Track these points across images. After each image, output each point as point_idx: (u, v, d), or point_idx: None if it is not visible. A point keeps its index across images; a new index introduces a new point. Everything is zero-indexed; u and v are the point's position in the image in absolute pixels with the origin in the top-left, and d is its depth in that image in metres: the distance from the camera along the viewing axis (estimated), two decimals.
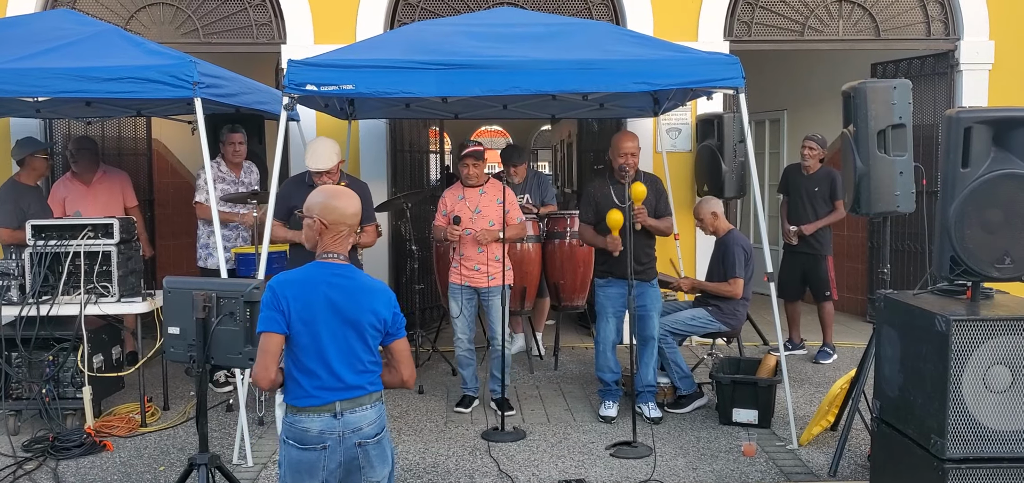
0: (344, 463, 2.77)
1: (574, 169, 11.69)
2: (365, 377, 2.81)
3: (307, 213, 2.87)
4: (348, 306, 2.76)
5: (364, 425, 2.80)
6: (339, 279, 2.78)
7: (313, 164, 5.03)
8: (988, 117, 3.65)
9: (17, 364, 5.19)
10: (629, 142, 5.29)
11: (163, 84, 4.76)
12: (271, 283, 2.76)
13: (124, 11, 7.32)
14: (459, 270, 5.56)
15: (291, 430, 2.76)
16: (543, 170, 23.32)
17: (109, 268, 5.20)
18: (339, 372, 2.75)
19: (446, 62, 4.87)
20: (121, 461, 4.81)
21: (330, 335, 2.74)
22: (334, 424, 2.74)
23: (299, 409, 2.75)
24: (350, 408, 2.77)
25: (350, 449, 2.77)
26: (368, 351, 2.80)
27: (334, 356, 2.74)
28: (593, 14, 7.40)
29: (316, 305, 2.73)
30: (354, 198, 2.93)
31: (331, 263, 2.82)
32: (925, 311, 3.59)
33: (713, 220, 5.85)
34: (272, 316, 2.70)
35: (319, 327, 2.72)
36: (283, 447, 2.79)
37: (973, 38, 7.44)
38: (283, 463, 2.79)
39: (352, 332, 2.76)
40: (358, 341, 2.77)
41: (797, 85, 9.56)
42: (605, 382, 5.52)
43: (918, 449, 3.62)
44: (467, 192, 5.59)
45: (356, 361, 2.78)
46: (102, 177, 6.59)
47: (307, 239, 2.91)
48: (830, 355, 6.97)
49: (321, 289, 2.75)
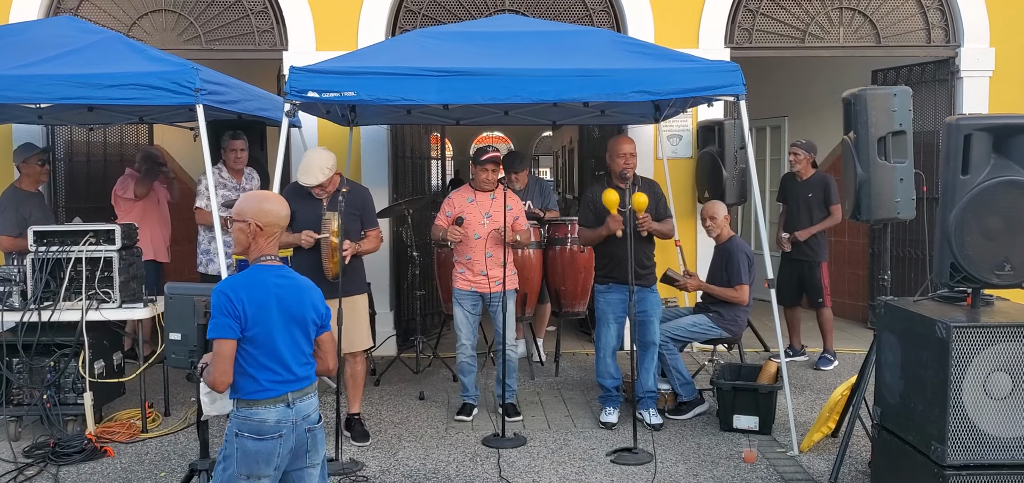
0: (295, 448, 2.97)
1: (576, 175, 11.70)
2: (309, 368, 3.04)
3: (239, 217, 2.99)
4: (294, 305, 2.95)
5: (311, 411, 3.03)
6: (283, 280, 2.97)
7: (302, 179, 4.89)
8: (988, 124, 3.66)
9: (18, 370, 5.20)
10: (626, 145, 5.30)
11: (165, 91, 4.78)
12: (222, 288, 2.87)
13: (126, 18, 7.34)
14: (466, 275, 5.55)
15: (246, 423, 2.90)
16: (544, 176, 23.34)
17: (111, 274, 5.20)
18: (290, 366, 2.94)
19: (447, 69, 4.88)
20: (122, 467, 4.81)
21: (282, 333, 2.92)
22: (288, 413, 2.93)
23: (254, 403, 2.91)
24: (300, 397, 2.98)
25: (301, 434, 2.98)
26: (309, 344, 3.03)
27: (286, 351, 2.93)
28: (594, 21, 7.42)
29: (269, 306, 2.90)
30: (284, 201, 3.12)
31: (272, 265, 2.99)
32: (926, 318, 3.59)
33: (722, 223, 5.82)
34: (227, 323, 2.84)
35: (272, 326, 2.90)
36: (235, 441, 2.91)
37: (973, 45, 7.46)
38: (233, 457, 2.90)
39: (298, 328, 2.97)
40: (303, 336, 2.99)
41: (798, 92, 9.57)
42: (606, 388, 5.52)
43: (919, 455, 3.63)
44: (479, 196, 5.58)
45: (301, 354, 2.99)
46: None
47: (238, 243, 3.02)
48: (831, 361, 6.97)
49: (272, 291, 2.92)
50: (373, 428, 5.39)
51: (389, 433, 5.37)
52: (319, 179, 4.90)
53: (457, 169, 13.78)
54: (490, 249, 5.47)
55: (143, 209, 6.71)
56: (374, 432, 5.32)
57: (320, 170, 4.89)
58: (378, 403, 6.02)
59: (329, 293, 4.87)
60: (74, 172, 7.87)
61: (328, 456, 4.79)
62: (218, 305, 2.83)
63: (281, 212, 3.02)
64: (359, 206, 5.09)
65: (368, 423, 5.41)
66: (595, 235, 5.37)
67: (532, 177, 7.23)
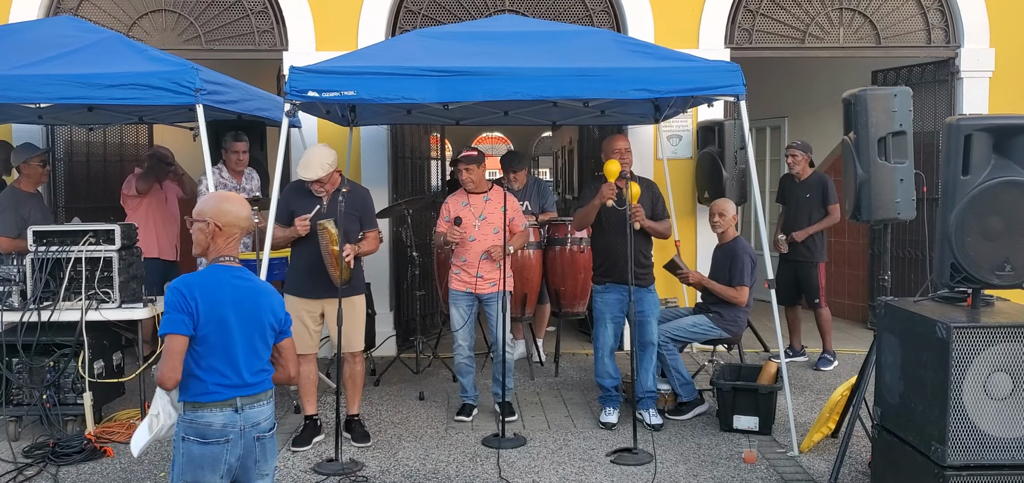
0: (243, 456, 2.89)
1: (575, 175, 11.69)
2: (263, 375, 2.95)
3: (199, 217, 2.94)
4: (251, 307, 2.89)
5: (262, 419, 2.93)
6: (240, 281, 2.91)
7: (303, 173, 4.91)
8: (988, 125, 3.66)
9: (18, 370, 5.19)
10: (621, 141, 5.31)
11: (165, 91, 4.78)
12: (176, 285, 2.83)
13: (126, 18, 7.34)
14: (461, 276, 5.55)
15: (191, 427, 2.83)
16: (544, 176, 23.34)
17: (110, 274, 5.20)
18: (242, 370, 2.87)
19: (447, 69, 4.88)
20: (121, 467, 4.81)
21: (235, 335, 2.85)
22: (236, 418, 2.85)
23: (200, 405, 2.83)
24: (250, 404, 2.89)
25: (250, 442, 2.89)
26: (266, 349, 2.95)
27: (239, 355, 2.86)
28: (594, 21, 7.42)
29: (224, 306, 2.83)
30: (245, 202, 3.05)
31: (230, 266, 2.93)
32: (926, 318, 3.59)
33: (729, 222, 5.81)
34: (180, 318, 2.77)
35: (227, 327, 2.83)
36: (181, 445, 2.84)
37: (973, 46, 7.46)
38: (178, 462, 2.85)
39: (255, 332, 2.90)
40: (260, 340, 2.91)
41: (798, 92, 9.57)
42: (605, 388, 5.52)
43: (919, 456, 3.62)
44: (472, 199, 5.58)
45: (256, 359, 2.91)
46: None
47: (198, 243, 2.97)
48: (831, 362, 6.97)
49: (227, 291, 2.86)
50: (373, 428, 5.39)
51: (389, 433, 5.37)
52: (318, 174, 4.89)
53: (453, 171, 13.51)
54: (485, 251, 5.47)
55: (148, 207, 6.71)
56: (374, 432, 5.32)
57: (320, 165, 4.89)
58: (378, 403, 6.02)
59: (328, 293, 4.91)
60: (74, 172, 7.87)
61: (329, 457, 4.81)
62: (171, 301, 2.78)
63: (241, 213, 2.95)
64: (359, 207, 5.09)
65: (368, 423, 5.41)
66: (590, 208, 5.29)
67: (531, 178, 7.23)
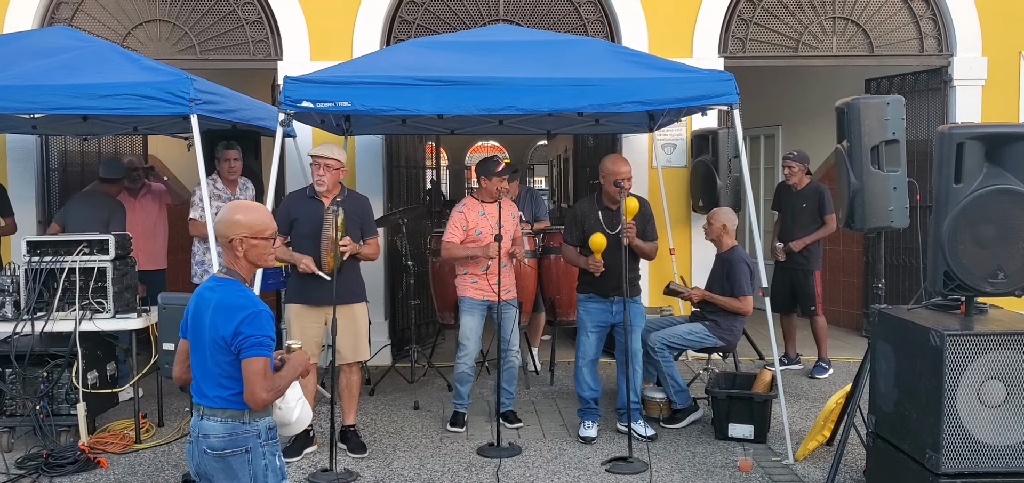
0: (198, 466, 2.93)
1: (570, 184, 11.71)
2: (219, 389, 2.86)
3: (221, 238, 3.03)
4: (196, 321, 2.92)
5: (211, 435, 2.87)
6: (205, 292, 2.94)
7: (316, 149, 5.10)
8: (981, 133, 3.68)
9: (11, 380, 5.17)
10: (624, 166, 5.25)
11: (159, 100, 4.77)
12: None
13: (121, 28, 7.33)
14: (478, 285, 5.54)
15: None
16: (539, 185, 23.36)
17: (104, 284, 5.19)
18: (199, 379, 2.92)
19: (442, 79, 4.88)
20: (115, 478, 4.79)
21: (193, 345, 2.94)
22: (196, 423, 2.92)
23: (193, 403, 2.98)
24: (203, 415, 2.90)
25: (201, 453, 2.90)
26: (216, 365, 2.85)
27: (197, 364, 2.93)
28: (588, 30, 7.44)
29: (195, 315, 2.93)
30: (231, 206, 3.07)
31: (217, 276, 3.00)
32: (920, 326, 3.60)
33: (722, 232, 5.83)
34: (181, 323, 3.00)
35: (196, 336, 2.92)
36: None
37: (966, 54, 7.49)
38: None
39: (203, 346, 2.89)
40: (208, 355, 2.87)
41: (792, 101, 9.61)
42: (584, 400, 5.49)
43: (913, 464, 3.63)
44: (488, 208, 5.56)
45: (208, 372, 2.88)
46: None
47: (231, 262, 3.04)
48: (826, 370, 6.98)
49: (199, 302, 2.94)
50: (368, 438, 5.37)
51: (384, 443, 5.36)
52: (333, 152, 5.04)
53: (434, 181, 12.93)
54: (503, 259, 5.45)
55: (129, 219, 6.64)
56: (369, 442, 5.30)
57: (331, 149, 5.06)
58: (373, 413, 6.00)
59: (327, 301, 4.88)
60: (68, 182, 7.84)
61: (323, 467, 4.79)
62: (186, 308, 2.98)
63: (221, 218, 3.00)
64: (359, 214, 5.12)
65: (363, 433, 5.40)
66: (575, 260, 5.40)
67: (524, 188, 7.24)
